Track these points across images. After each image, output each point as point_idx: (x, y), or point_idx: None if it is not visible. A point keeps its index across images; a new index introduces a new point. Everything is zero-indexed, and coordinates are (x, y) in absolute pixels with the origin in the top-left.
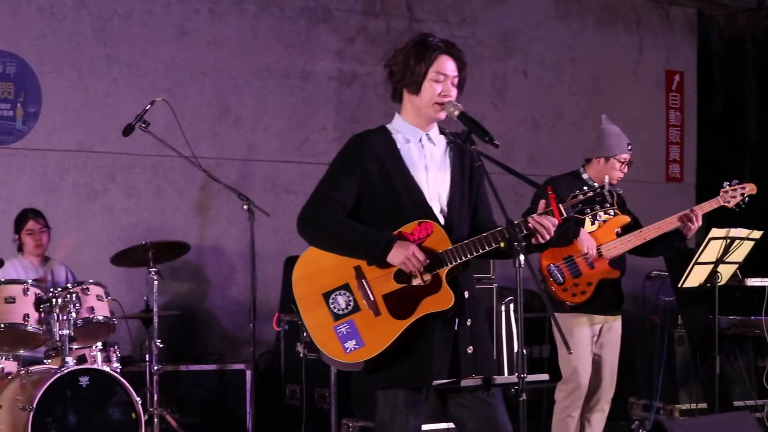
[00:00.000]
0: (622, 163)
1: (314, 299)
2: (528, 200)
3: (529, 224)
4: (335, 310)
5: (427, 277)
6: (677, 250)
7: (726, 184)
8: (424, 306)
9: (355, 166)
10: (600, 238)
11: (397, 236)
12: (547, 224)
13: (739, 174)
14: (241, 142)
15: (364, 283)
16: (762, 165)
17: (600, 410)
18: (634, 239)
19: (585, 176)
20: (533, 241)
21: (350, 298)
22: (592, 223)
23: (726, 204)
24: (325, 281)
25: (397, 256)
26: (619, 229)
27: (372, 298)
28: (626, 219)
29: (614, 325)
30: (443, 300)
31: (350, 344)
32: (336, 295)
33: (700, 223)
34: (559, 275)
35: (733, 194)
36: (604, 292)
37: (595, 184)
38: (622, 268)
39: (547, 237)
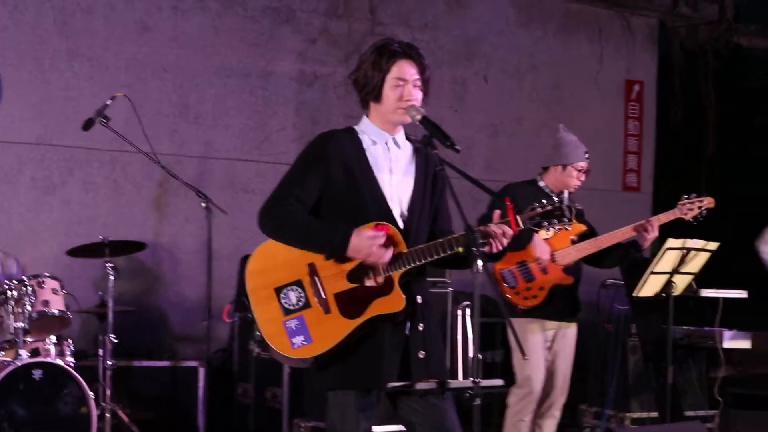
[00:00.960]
0: (579, 171)
1: (266, 293)
2: (484, 205)
3: (486, 232)
4: (286, 305)
5: (380, 278)
6: (633, 260)
7: (684, 196)
8: (375, 307)
9: (319, 165)
10: (555, 244)
11: (353, 226)
12: (505, 233)
13: (695, 185)
14: (200, 140)
15: (317, 280)
16: (719, 177)
17: (551, 416)
18: (589, 247)
19: (542, 184)
20: (486, 249)
21: (302, 294)
22: (547, 230)
23: (683, 216)
24: (278, 276)
25: (357, 248)
26: (575, 237)
27: (323, 296)
28: (582, 227)
29: (568, 332)
30: (394, 302)
31: (298, 340)
32: (288, 290)
33: (656, 233)
34: (511, 279)
35: (691, 207)
36: (557, 299)
37: (555, 198)
38: (576, 275)
39: (501, 247)
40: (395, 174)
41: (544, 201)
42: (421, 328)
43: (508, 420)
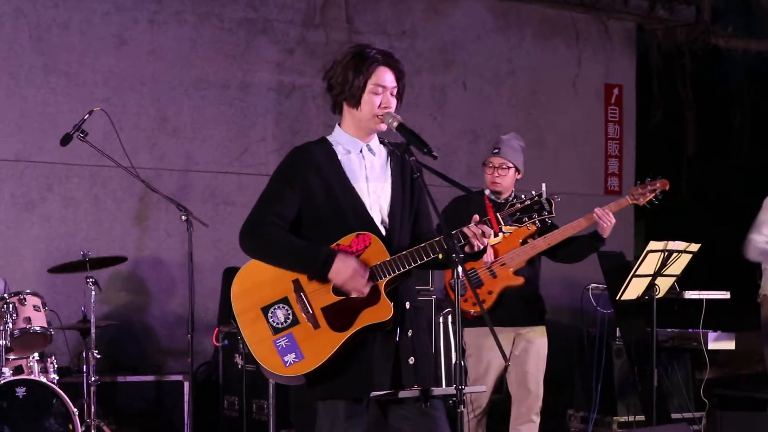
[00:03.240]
0: (493, 167)
1: (253, 314)
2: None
3: (466, 233)
4: (274, 324)
5: (366, 288)
6: (596, 250)
7: (638, 182)
8: (363, 318)
9: (296, 179)
10: (503, 249)
11: (336, 250)
12: (485, 232)
13: (677, 187)
14: (180, 153)
15: (303, 296)
16: (700, 178)
17: (529, 421)
18: (539, 244)
19: (487, 191)
20: (467, 249)
21: (289, 312)
22: (496, 236)
23: (636, 202)
24: (264, 295)
25: (338, 274)
26: (528, 239)
27: (311, 311)
28: (530, 230)
29: (531, 336)
30: (382, 311)
31: (290, 357)
32: (275, 309)
33: (613, 220)
34: (461, 288)
35: (643, 191)
36: (512, 303)
37: (534, 192)
38: (531, 276)
39: (483, 245)
40: (372, 181)
41: (523, 196)
42: (410, 335)
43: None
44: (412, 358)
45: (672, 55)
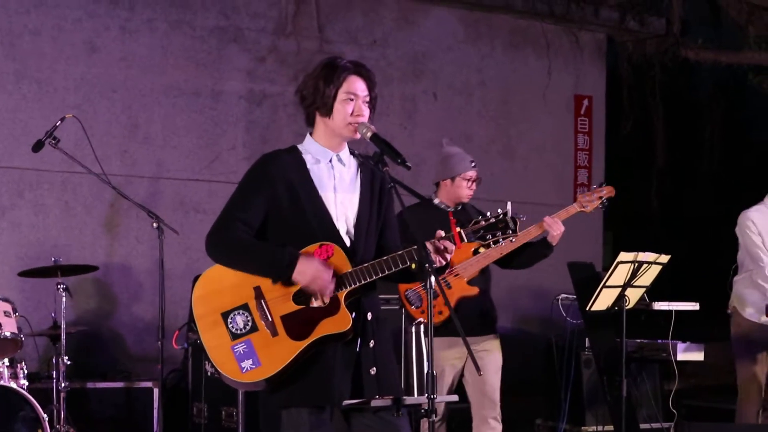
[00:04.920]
0: (469, 180)
1: (213, 318)
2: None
3: (429, 248)
4: (233, 330)
5: (326, 298)
6: (545, 257)
7: (585, 189)
8: (322, 328)
9: (263, 186)
10: (455, 259)
11: (299, 252)
12: (447, 248)
13: (646, 198)
14: (150, 160)
15: (263, 303)
16: (669, 190)
17: (490, 428)
18: (492, 254)
19: (437, 201)
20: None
21: (249, 318)
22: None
23: (583, 209)
24: (225, 301)
25: (302, 274)
26: (481, 249)
27: (270, 319)
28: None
29: (487, 345)
30: (341, 322)
31: (247, 363)
32: (235, 314)
33: (562, 228)
34: (416, 299)
35: (590, 198)
36: (468, 314)
37: (499, 210)
38: (484, 285)
39: (443, 262)
40: (340, 192)
41: (488, 213)
42: (371, 345)
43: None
44: (374, 368)
45: (642, 66)
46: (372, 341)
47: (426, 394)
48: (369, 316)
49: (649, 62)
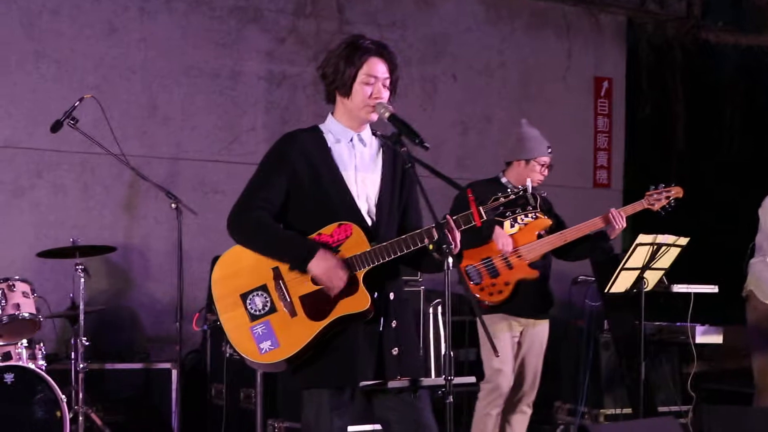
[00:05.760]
0: (542, 165)
1: (232, 300)
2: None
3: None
4: (252, 311)
5: (345, 278)
6: (603, 251)
7: (652, 186)
8: (341, 308)
9: (284, 165)
10: (520, 240)
11: (319, 244)
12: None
13: (666, 181)
14: (169, 141)
15: (282, 284)
16: (689, 172)
17: (521, 412)
18: (555, 240)
19: (504, 180)
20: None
21: (267, 299)
22: (512, 226)
23: (651, 207)
24: (243, 282)
25: (317, 267)
26: (542, 232)
27: (288, 299)
28: (548, 222)
29: (539, 328)
30: (359, 302)
31: (265, 345)
32: (253, 295)
33: (624, 224)
34: (476, 276)
35: (658, 197)
36: (525, 294)
37: (519, 187)
38: (544, 269)
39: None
40: (361, 171)
41: (509, 190)
42: (394, 325)
43: (476, 413)
44: (396, 348)
45: (662, 49)
46: (395, 321)
47: (444, 376)
48: (392, 296)
49: (669, 44)
